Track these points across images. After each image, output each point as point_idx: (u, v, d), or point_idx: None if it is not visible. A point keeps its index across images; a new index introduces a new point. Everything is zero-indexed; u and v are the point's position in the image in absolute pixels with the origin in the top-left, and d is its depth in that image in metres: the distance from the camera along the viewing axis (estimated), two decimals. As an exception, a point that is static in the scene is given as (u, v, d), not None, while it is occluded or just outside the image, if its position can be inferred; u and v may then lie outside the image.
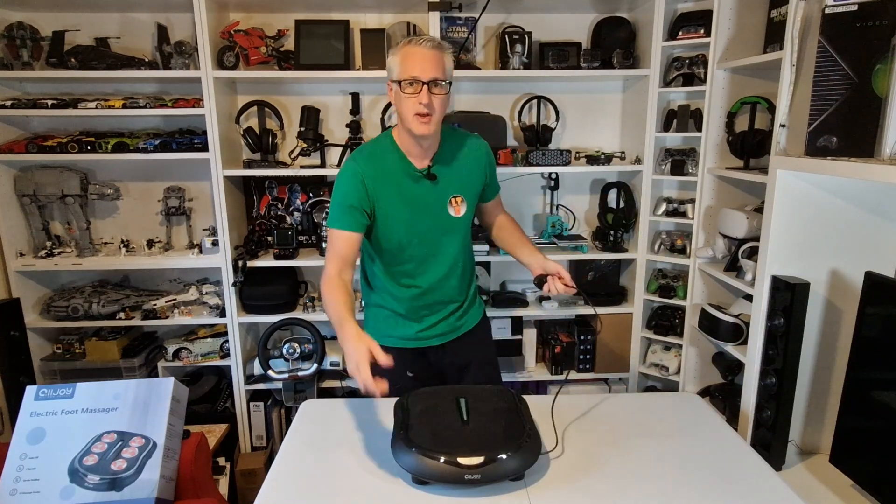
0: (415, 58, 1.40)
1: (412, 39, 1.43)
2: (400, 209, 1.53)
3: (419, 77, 1.39)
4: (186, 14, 2.36)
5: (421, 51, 1.40)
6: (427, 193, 1.54)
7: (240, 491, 2.41)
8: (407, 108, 1.43)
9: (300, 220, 2.63)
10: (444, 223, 1.58)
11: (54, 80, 2.43)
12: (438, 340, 1.70)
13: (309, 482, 1.20)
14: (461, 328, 1.72)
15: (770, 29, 2.00)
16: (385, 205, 1.52)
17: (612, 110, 2.65)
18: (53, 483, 1.30)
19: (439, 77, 1.41)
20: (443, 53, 1.43)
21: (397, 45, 1.45)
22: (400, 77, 1.42)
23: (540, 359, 2.68)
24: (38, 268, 2.38)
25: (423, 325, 1.67)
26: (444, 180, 1.56)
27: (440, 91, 1.42)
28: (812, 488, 1.54)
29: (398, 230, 1.54)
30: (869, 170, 1.27)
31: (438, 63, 1.41)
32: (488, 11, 2.36)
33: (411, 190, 1.53)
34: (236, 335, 2.46)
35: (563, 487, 1.18)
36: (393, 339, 1.66)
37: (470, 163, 1.60)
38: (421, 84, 1.40)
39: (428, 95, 1.40)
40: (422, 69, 1.40)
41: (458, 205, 1.58)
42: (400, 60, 1.42)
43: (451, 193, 1.57)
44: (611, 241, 2.54)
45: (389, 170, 1.52)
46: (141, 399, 1.40)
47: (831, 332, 1.68)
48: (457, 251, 1.63)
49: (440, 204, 1.57)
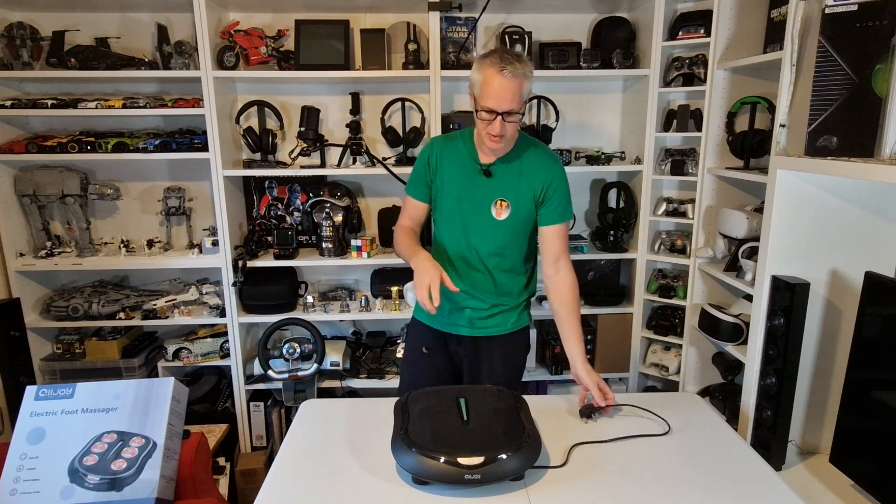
0: (494, 88, 1.44)
1: (497, 62, 1.42)
2: (453, 190, 1.64)
3: (495, 109, 1.45)
4: (186, 14, 2.36)
5: (502, 81, 1.42)
6: (479, 187, 1.63)
7: (240, 491, 2.41)
8: (481, 126, 1.52)
9: (300, 220, 2.63)
10: (485, 220, 1.63)
11: (54, 80, 2.43)
12: (457, 330, 1.71)
13: (309, 482, 1.20)
14: (487, 329, 1.71)
15: (770, 29, 2.00)
16: (442, 181, 1.65)
17: (612, 110, 2.65)
18: (53, 483, 1.30)
19: (514, 108, 1.46)
20: (523, 81, 1.45)
21: (483, 61, 1.46)
22: (479, 102, 1.49)
23: (540, 359, 2.68)
24: (38, 268, 2.38)
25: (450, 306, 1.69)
26: (498, 180, 1.62)
27: (514, 119, 1.48)
28: (812, 488, 1.54)
29: (447, 205, 1.66)
30: (869, 170, 1.27)
31: (516, 94, 1.44)
32: (488, 11, 2.36)
33: (468, 178, 1.63)
34: (236, 335, 2.46)
35: (563, 487, 1.18)
36: (424, 314, 1.75)
37: (529, 175, 1.61)
38: (496, 114, 1.46)
39: (501, 125, 1.47)
40: (498, 101, 1.44)
41: (501, 208, 1.62)
42: (481, 83, 1.46)
43: (498, 195, 1.62)
44: (611, 241, 2.54)
45: (457, 153, 1.65)
46: (141, 399, 1.40)
47: (831, 332, 1.68)
48: (489, 251, 1.65)
49: (487, 201, 1.62)
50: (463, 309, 1.69)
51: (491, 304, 1.69)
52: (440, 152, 1.67)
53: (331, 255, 2.46)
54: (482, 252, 1.65)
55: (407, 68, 2.38)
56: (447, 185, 1.66)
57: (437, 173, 1.66)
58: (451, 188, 1.65)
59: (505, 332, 1.72)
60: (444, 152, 1.66)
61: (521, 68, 1.44)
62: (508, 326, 1.73)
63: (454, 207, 1.65)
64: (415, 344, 1.79)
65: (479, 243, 1.65)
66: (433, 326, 1.74)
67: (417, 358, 1.77)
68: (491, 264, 1.66)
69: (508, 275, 1.69)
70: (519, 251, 1.68)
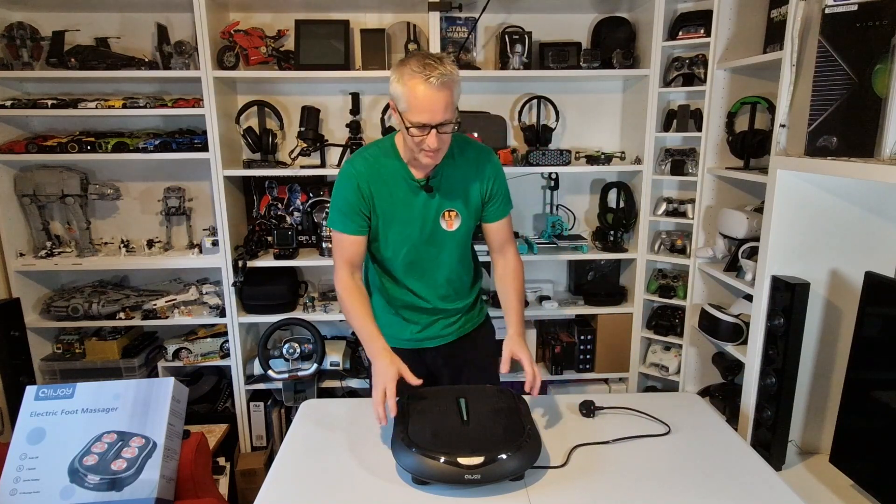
0: (423, 101, 1.29)
1: (419, 72, 1.28)
2: (394, 215, 1.50)
3: (428, 123, 1.32)
4: (186, 14, 2.36)
5: (430, 93, 1.28)
6: (422, 204, 1.50)
7: (240, 491, 2.41)
8: (413, 144, 1.37)
9: (300, 220, 2.63)
10: (437, 236, 1.53)
11: (54, 80, 2.43)
12: (432, 343, 1.67)
13: (309, 482, 1.20)
14: (458, 333, 1.69)
15: (770, 29, 2.00)
16: (381, 209, 1.49)
17: (612, 110, 2.65)
18: (53, 483, 1.30)
19: (448, 119, 1.33)
20: (452, 89, 1.31)
21: (403, 72, 1.31)
22: (407, 119, 1.33)
23: (540, 359, 2.68)
24: (38, 268, 2.38)
25: (419, 327, 1.65)
26: (440, 192, 1.50)
27: (448, 129, 1.35)
28: (812, 488, 1.54)
29: (391, 235, 1.52)
30: (869, 170, 1.27)
31: (448, 104, 1.31)
32: (488, 11, 2.36)
33: (406, 199, 1.49)
34: (236, 335, 2.46)
35: (563, 487, 1.18)
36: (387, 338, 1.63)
37: (471, 175, 1.53)
38: (429, 128, 1.32)
39: (436, 138, 1.33)
40: (430, 115, 1.31)
41: (451, 219, 1.52)
42: (407, 96, 1.30)
43: (446, 207, 1.51)
44: (611, 241, 2.54)
45: (387, 175, 1.48)
46: (141, 399, 1.40)
47: (831, 332, 1.68)
48: (450, 264, 1.58)
49: (434, 216, 1.51)
50: (434, 323, 1.65)
51: (459, 308, 1.66)
52: (370, 176, 1.46)
53: (331, 255, 2.46)
54: (441, 267, 1.57)
55: (407, 68, 2.37)
56: (387, 211, 1.49)
57: (375, 201, 1.47)
58: (394, 214, 1.49)
59: (473, 326, 1.72)
60: (374, 175, 1.47)
61: (447, 73, 1.29)
62: (476, 320, 1.72)
63: (402, 234, 1.51)
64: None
65: (435, 261, 1.56)
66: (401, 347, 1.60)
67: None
68: (452, 276, 1.60)
69: (464, 278, 1.65)
70: (467, 251, 1.63)
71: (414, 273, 1.57)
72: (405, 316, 1.64)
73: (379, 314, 1.65)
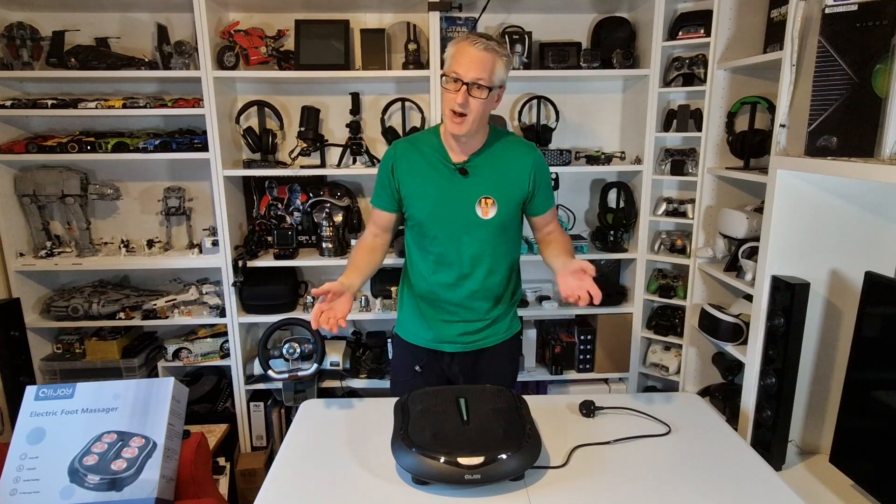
0: (461, 54, 1.40)
1: (470, 36, 1.42)
2: (425, 195, 1.55)
3: (461, 76, 1.40)
4: (186, 14, 2.36)
5: (472, 51, 1.39)
6: (456, 187, 1.54)
7: (240, 491, 2.41)
8: (445, 104, 1.46)
9: (300, 220, 2.63)
10: (470, 221, 1.54)
11: (54, 80, 2.43)
12: (451, 348, 1.66)
13: (309, 482, 1.20)
14: (479, 342, 1.66)
15: (770, 29, 2.00)
16: (411, 188, 1.56)
17: (612, 110, 2.65)
18: (53, 483, 1.30)
19: (481, 79, 1.40)
20: (496, 57, 1.41)
21: (458, 37, 1.45)
22: (446, 71, 1.44)
23: (540, 359, 2.68)
24: (38, 268, 2.38)
25: (441, 329, 1.64)
26: (477, 178, 1.54)
27: (480, 94, 1.41)
28: (812, 488, 1.54)
29: (421, 215, 1.57)
30: (869, 170, 1.27)
31: (486, 65, 1.39)
32: (488, 11, 2.36)
33: (441, 180, 1.55)
34: (236, 335, 2.46)
35: (562, 487, 1.18)
36: (411, 335, 1.70)
37: (512, 168, 1.56)
38: (461, 83, 1.40)
39: (465, 95, 1.40)
40: (466, 69, 1.39)
41: (487, 206, 1.54)
42: (451, 52, 1.44)
43: (482, 193, 1.54)
44: (611, 240, 2.54)
45: (424, 156, 1.56)
46: (141, 399, 1.40)
47: (831, 332, 1.68)
48: (478, 253, 1.57)
49: (468, 201, 1.54)
50: (454, 323, 1.63)
51: (484, 314, 1.63)
52: (404, 158, 1.57)
53: (331, 255, 2.46)
54: (471, 257, 1.57)
55: (407, 68, 2.38)
56: (418, 192, 1.56)
57: (404, 181, 1.56)
58: (425, 195, 1.55)
59: (497, 341, 1.68)
60: (408, 157, 1.57)
61: (494, 45, 1.41)
62: (501, 335, 1.68)
63: (433, 215, 1.55)
64: (404, 362, 1.72)
65: (466, 248, 1.56)
66: (419, 345, 1.68)
67: (409, 377, 1.70)
68: (481, 269, 1.59)
69: (498, 278, 1.63)
70: (506, 250, 1.62)
71: (444, 256, 1.59)
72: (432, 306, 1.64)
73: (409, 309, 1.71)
